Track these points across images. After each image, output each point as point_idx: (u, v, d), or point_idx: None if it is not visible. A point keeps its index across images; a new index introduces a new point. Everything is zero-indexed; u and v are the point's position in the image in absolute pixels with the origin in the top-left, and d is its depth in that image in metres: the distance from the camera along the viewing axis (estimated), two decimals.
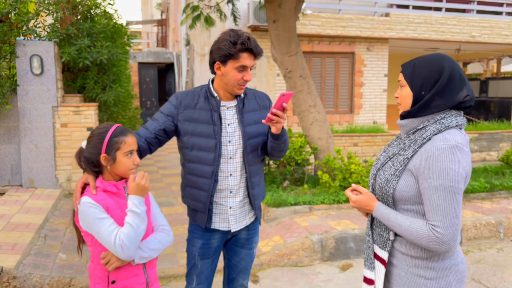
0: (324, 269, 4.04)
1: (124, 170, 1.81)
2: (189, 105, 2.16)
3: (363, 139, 8.11)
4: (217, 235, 2.26)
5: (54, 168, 6.13)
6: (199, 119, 2.13)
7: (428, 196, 1.50)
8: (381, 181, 1.64)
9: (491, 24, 10.26)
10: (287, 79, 5.86)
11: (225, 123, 2.15)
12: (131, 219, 1.73)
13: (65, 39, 6.34)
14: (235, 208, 2.21)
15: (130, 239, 1.71)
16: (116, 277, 1.81)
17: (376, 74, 10.04)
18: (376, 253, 1.71)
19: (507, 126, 10.12)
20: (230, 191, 2.18)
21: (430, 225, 1.50)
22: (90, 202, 1.74)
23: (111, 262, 1.76)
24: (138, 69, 15.44)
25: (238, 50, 2.01)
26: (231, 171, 2.17)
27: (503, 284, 3.69)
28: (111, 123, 1.86)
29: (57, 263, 3.86)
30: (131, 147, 1.82)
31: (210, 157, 2.12)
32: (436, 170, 1.47)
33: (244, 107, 2.19)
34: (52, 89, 6.00)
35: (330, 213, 5.06)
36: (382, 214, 1.61)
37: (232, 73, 2.06)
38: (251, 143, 2.18)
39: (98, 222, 1.72)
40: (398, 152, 1.64)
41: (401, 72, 1.66)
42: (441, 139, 1.51)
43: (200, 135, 2.13)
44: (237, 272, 2.39)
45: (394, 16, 9.61)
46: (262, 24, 8.55)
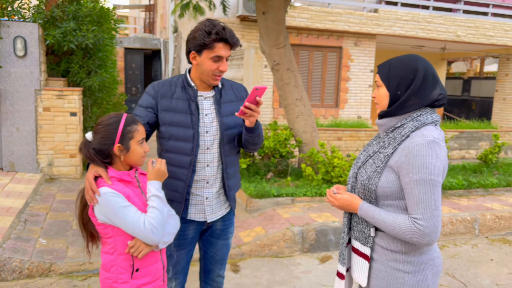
0: (304, 260, 4.11)
1: (137, 159, 1.82)
2: (166, 94, 2.14)
3: (347, 134, 8.20)
4: (193, 226, 2.25)
5: (35, 152, 6.05)
6: (177, 108, 2.12)
7: (409, 190, 1.56)
8: (363, 179, 1.68)
9: (476, 24, 10.42)
10: (275, 71, 5.87)
11: (203, 113, 2.14)
12: (156, 203, 1.76)
13: (49, 21, 6.22)
14: (211, 199, 2.22)
15: (159, 221, 1.74)
16: (140, 265, 1.81)
17: (362, 69, 10.12)
18: (358, 249, 1.76)
19: (487, 125, 10.35)
20: (207, 181, 2.18)
21: (412, 219, 1.55)
22: (111, 191, 1.71)
23: (140, 249, 1.76)
24: (124, 55, 15.23)
25: (212, 40, 1.99)
26: (208, 161, 2.17)
27: (476, 280, 3.82)
28: (119, 113, 1.84)
29: (37, 248, 3.83)
30: (143, 135, 1.84)
31: (187, 147, 2.11)
32: (416, 164, 1.53)
33: (222, 97, 2.18)
34: (35, 72, 5.89)
35: (312, 206, 5.13)
36: (366, 212, 1.65)
37: (207, 63, 2.04)
38: (228, 134, 2.18)
39: (124, 210, 1.70)
40: (378, 150, 1.69)
41: (378, 73, 1.71)
42: (419, 136, 1.57)
43: (178, 125, 2.11)
44: (213, 263, 2.41)
45: (382, 12, 9.67)
46: (251, 15, 8.52)
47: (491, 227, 4.98)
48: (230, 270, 3.81)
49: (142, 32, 20.24)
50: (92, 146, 1.79)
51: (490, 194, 6.03)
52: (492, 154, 7.04)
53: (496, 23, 10.58)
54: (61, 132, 6.14)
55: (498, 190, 6.18)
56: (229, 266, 3.88)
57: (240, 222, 4.79)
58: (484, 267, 4.07)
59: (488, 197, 5.87)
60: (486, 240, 4.82)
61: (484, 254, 4.40)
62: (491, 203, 5.57)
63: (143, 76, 16.00)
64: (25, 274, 3.49)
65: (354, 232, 1.78)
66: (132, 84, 15.78)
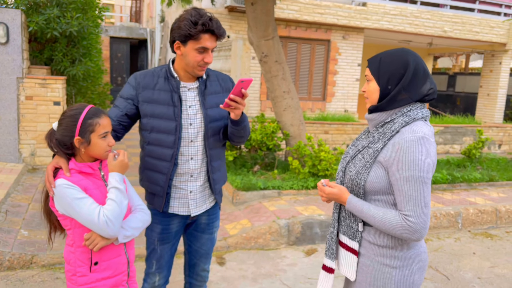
0: (289, 253, 4.12)
1: (100, 152, 1.78)
2: (148, 85, 2.07)
3: (334, 127, 8.22)
4: (176, 220, 2.21)
5: (17, 142, 5.92)
6: (159, 100, 2.05)
7: (399, 187, 1.55)
8: (351, 174, 1.68)
9: (463, 20, 10.51)
10: (263, 63, 5.83)
11: (186, 105, 2.08)
12: (114, 195, 1.72)
13: (33, 8, 6.06)
14: (195, 193, 2.17)
15: (115, 214, 1.70)
16: (98, 258, 1.78)
17: (350, 63, 10.14)
18: (345, 244, 1.75)
19: (471, 120, 10.49)
20: (191, 175, 2.13)
21: (403, 215, 1.55)
22: (66, 183, 1.69)
23: (95, 242, 1.73)
24: (110, 44, 14.98)
25: (198, 31, 1.93)
26: (192, 154, 2.11)
27: (459, 273, 3.88)
28: (84, 104, 1.80)
29: (18, 240, 3.76)
30: (106, 129, 1.77)
31: (170, 139, 2.05)
32: (406, 161, 1.53)
33: (206, 89, 2.12)
34: (17, 59, 5.74)
35: (298, 199, 5.13)
36: (355, 206, 1.65)
37: (192, 54, 1.98)
38: (213, 126, 2.12)
39: (78, 202, 1.68)
40: (367, 145, 1.67)
41: (368, 67, 1.69)
42: (409, 131, 1.56)
43: (160, 116, 2.05)
44: (198, 257, 2.37)
45: (370, 6, 9.68)
46: (240, 5, 8.44)
47: (474, 221, 5.06)
48: (215, 263, 3.79)
49: (128, 21, 19.92)
50: (56, 136, 1.77)
51: (474, 189, 6.12)
52: (475, 149, 7.14)
53: (482, 19, 10.69)
54: (44, 121, 6.01)
55: (481, 184, 6.27)
56: (215, 259, 3.86)
57: (226, 215, 4.77)
58: (466, 261, 4.13)
59: (471, 192, 5.96)
60: (469, 234, 4.90)
61: (467, 248, 4.46)
62: (474, 197, 5.65)
63: (129, 65, 15.78)
64: (6, 266, 3.41)
65: (341, 227, 1.77)
66: (118, 73, 15.55)
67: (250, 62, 7.88)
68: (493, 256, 4.26)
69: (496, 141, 9.95)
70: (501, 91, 11.42)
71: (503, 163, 7.47)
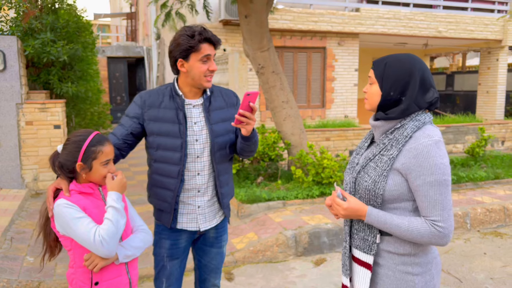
0: (298, 264, 4.07)
1: (99, 179, 1.82)
2: (153, 104, 2.11)
3: (335, 134, 8.20)
4: (185, 235, 2.22)
5: (19, 167, 5.91)
6: (164, 118, 2.10)
7: (424, 192, 1.52)
8: (367, 184, 1.62)
9: (456, 20, 10.54)
10: (260, 74, 5.84)
11: (192, 122, 2.11)
12: (111, 215, 1.73)
13: (28, 34, 6.11)
14: (203, 207, 2.18)
15: (110, 234, 1.70)
16: (99, 278, 1.79)
17: (347, 68, 10.15)
18: (358, 258, 1.69)
19: (472, 119, 10.46)
20: (198, 190, 2.15)
21: (430, 221, 1.52)
22: (65, 203, 1.73)
23: (95, 263, 1.74)
24: (107, 64, 15.08)
25: (197, 41, 2.00)
26: (198, 170, 2.13)
27: (471, 275, 3.82)
28: (89, 130, 1.84)
29: (24, 267, 3.73)
30: (108, 157, 1.82)
31: (176, 156, 2.09)
32: (428, 166, 1.51)
33: (211, 105, 2.15)
34: (15, 85, 5.76)
35: (303, 208, 5.09)
36: (376, 218, 1.58)
37: (197, 65, 2.03)
38: (219, 141, 2.15)
39: (76, 221, 1.70)
40: (379, 152, 1.63)
41: (372, 68, 1.66)
42: (424, 136, 1.54)
43: (166, 134, 2.09)
44: (208, 272, 2.37)
45: (364, 11, 9.72)
46: (234, 19, 8.48)
47: (482, 220, 5.01)
48: (224, 279, 3.75)
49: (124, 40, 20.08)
50: (59, 159, 1.81)
51: (480, 188, 6.07)
52: (479, 147, 7.10)
53: (476, 18, 10.72)
54: (45, 145, 6.01)
55: (487, 183, 6.22)
56: (223, 275, 3.81)
57: (232, 229, 4.73)
58: (478, 261, 4.08)
59: (477, 191, 5.91)
60: (478, 234, 4.84)
61: (477, 248, 4.41)
62: (481, 196, 5.60)
63: (127, 84, 15.87)
64: None
65: (354, 241, 1.71)
66: (117, 93, 15.62)
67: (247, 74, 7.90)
68: (504, 255, 4.20)
69: (499, 138, 9.91)
70: (500, 88, 11.40)
71: (507, 160, 7.42)
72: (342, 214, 1.64)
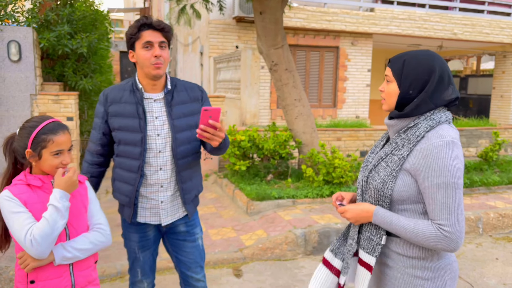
0: (307, 263, 4.05)
1: (49, 169, 1.71)
2: (114, 99, 2.13)
3: (347, 134, 8.15)
4: (151, 227, 2.25)
5: None
6: (124, 113, 2.09)
7: (431, 195, 1.46)
8: (376, 183, 1.58)
9: (472, 22, 10.40)
10: (273, 72, 5.81)
11: (152, 116, 2.10)
12: (49, 214, 1.62)
13: (44, 25, 6.15)
14: (166, 202, 2.18)
15: (43, 234, 1.59)
16: (35, 277, 1.69)
17: (359, 69, 10.08)
18: (361, 258, 1.64)
19: (486, 123, 10.32)
20: (161, 185, 2.14)
21: (437, 225, 1.46)
22: (6, 195, 1.65)
23: (27, 262, 1.65)
24: (120, 58, 15.16)
25: (136, 28, 2.02)
26: (160, 165, 2.12)
27: (482, 280, 3.76)
28: (46, 117, 1.75)
29: None
30: (60, 147, 1.70)
31: (136, 151, 2.08)
32: (436, 167, 1.45)
33: (173, 99, 2.13)
34: (30, 76, 5.81)
35: (313, 207, 5.06)
36: (382, 218, 1.55)
37: (141, 53, 2.03)
38: (181, 136, 2.12)
39: (12, 216, 1.62)
40: (391, 152, 1.58)
41: (389, 66, 1.60)
42: (436, 136, 1.48)
43: (126, 129, 2.09)
44: (187, 267, 2.33)
45: (378, 12, 9.64)
46: (248, 15, 8.47)
47: (495, 225, 4.93)
48: (232, 275, 3.74)
49: None
50: (14, 143, 1.75)
51: (493, 192, 5.98)
52: (492, 151, 7.00)
53: (492, 21, 10.57)
54: None
55: (500, 188, 6.13)
56: (231, 271, 3.81)
57: (241, 225, 4.72)
58: (489, 267, 4.02)
59: (490, 195, 5.83)
60: (490, 238, 4.77)
61: (489, 253, 4.34)
62: (494, 201, 5.52)
63: None
64: None
65: (360, 240, 1.66)
66: None
67: (259, 71, 7.89)
68: None
69: None
70: None
71: None
72: (347, 217, 1.63)
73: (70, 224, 1.75)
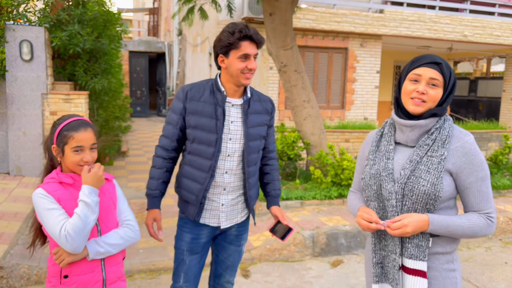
0: (315, 264, 4.05)
1: (72, 165, 1.75)
2: (194, 97, 2.14)
3: (355, 136, 8.13)
4: (206, 230, 2.24)
5: (42, 156, 6.02)
6: (203, 112, 2.11)
7: (477, 188, 1.58)
8: (425, 188, 1.56)
9: (483, 24, 10.32)
10: (282, 73, 5.82)
11: (229, 120, 2.13)
12: (80, 209, 1.67)
13: (55, 25, 6.21)
14: (226, 206, 2.20)
15: (76, 229, 1.63)
16: (69, 272, 1.73)
17: (368, 70, 10.05)
18: (410, 268, 1.61)
19: (496, 126, 10.24)
20: (224, 188, 2.17)
21: (485, 214, 1.59)
22: (40, 192, 1.70)
23: (62, 258, 1.69)
24: (129, 58, 15.24)
25: (236, 38, 2.00)
26: (227, 168, 2.15)
27: (492, 284, 3.74)
28: (73, 115, 1.81)
29: (45, 254, 3.79)
30: (80, 143, 1.73)
31: (209, 151, 2.10)
32: (477, 163, 1.57)
33: (250, 108, 2.17)
34: (41, 75, 5.87)
35: (321, 209, 5.06)
36: (438, 223, 1.56)
37: (235, 63, 2.03)
38: (252, 145, 2.17)
39: (47, 212, 1.67)
40: (425, 154, 1.60)
41: (438, 71, 1.59)
42: (464, 134, 1.60)
43: (202, 128, 2.11)
44: (224, 268, 2.37)
45: (388, 13, 9.60)
46: (257, 17, 8.47)
47: (505, 229, 4.90)
48: (240, 275, 3.75)
49: (146, 35, 20.28)
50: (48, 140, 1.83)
51: (502, 196, 5.94)
52: (502, 155, 6.95)
53: (503, 23, 10.48)
54: None
55: (510, 191, 6.09)
56: (240, 271, 3.82)
57: (249, 226, 4.73)
58: (499, 271, 3.99)
59: (500, 199, 5.78)
60: (500, 242, 4.74)
61: (498, 257, 4.31)
62: (503, 205, 5.48)
63: (147, 79, 16.01)
64: (34, 281, 3.44)
65: (407, 250, 1.61)
66: (137, 87, 15.78)
67: (268, 72, 7.90)
68: None
69: None
70: None
71: None
72: (408, 232, 1.55)
73: (101, 220, 1.79)
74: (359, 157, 1.93)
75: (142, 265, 3.82)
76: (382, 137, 1.76)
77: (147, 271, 3.76)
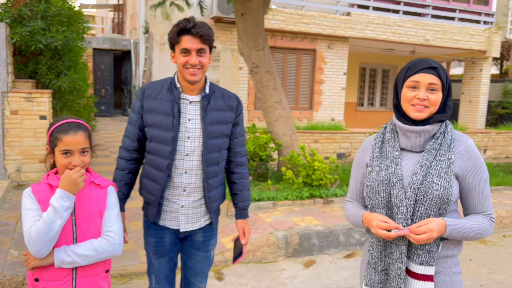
0: (288, 265, 4.07)
1: (60, 168, 1.74)
2: (151, 95, 2.09)
3: (324, 136, 8.24)
4: (168, 233, 2.18)
5: (2, 157, 5.74)
6: (159, 109, 2.06)
7: (481, 190, 1.62)
8: (439, 192, 1.56)
9: (444, 29, 10.73)
10: (254, 74, 5.81)
11: (186, 118, 2.06)
12: (46, 213, 1.62)
13: (17, 21, 5.93)
14: (187, 208, 2.13)
15: (38, 233, 1.60)
16: (39, 276, 1.71)
17: (336, 72, 10.22)
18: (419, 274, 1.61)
19: (455, 127, 10.66)
20: (184, 189, 2.10)
21: (487, 215, 1.62)
22: (27, 192, 1.71)
23: (28, 261, 1.68)
24: (93, 56, 14.80)
25: (175, 33, 1.98)
26: (186, 168, 2.08)
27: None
28: (68, 117, 1.80)
29: (8, 260, 3.61)
30: (68, 147, 1.70)
31: (166, 149, 2.04)
32: (480, 165, 1.62)
33: (209, 104, 2.09)
34: (2, 73, 5.59)
35: (293, 209, 5.09)
36: (454, 227, 1.56)
37: (179, 57, 2.01)
38: (212, 143, 2.09)
39: (25, 212, 1.66)
40: (433, 158, 1.61)
41: (436, 75, 1.60)
42: (465, 138, 1.64)
43: (158, 126, 2.05)
44: (192, 275, 2.31)
45: (355, 16, 9.80)
46: (226, 16, 8.43)
47: None
48: (214, 278, 3.71)
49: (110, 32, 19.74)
50: None
51: None
52: None
53: (463, 28, 10.94)
54: (30, 136, 5.85)
55: None
56: (213, 274, 3.78)
57: (221, 228, 4.69)
58: (464, 267, 4.15)
59: None
60: None
61: (463, 254, 4.48)
62: None
63: (112, 77, 15.60)
64: None
65: (417, 257, 1.60)
66: (101, 85, 15.34)
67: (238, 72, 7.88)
68: (489, 262, 4.29)
69: (481, 147, 10.13)
70: (482, 97, 11.66)
71: (489, 169, 7.59)
72: (434, 236, 1.53)
73: (79, 227, 1.72)
74: (355, 164, 1.85)
75: (112, 270, 3.71)
76: (384, 142, 1.72)
77: (118, 276, 3.66)
